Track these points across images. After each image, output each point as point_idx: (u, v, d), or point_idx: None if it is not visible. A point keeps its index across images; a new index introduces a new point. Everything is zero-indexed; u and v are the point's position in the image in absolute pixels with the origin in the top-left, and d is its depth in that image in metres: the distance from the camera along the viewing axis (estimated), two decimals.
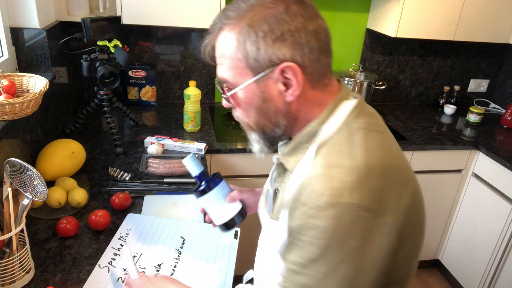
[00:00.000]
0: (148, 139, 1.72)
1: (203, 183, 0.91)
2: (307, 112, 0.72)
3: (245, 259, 1.23)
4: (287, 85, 0.68)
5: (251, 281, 1.03)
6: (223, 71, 0.71)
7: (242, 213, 0.94)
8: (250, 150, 0.81)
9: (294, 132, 0.75)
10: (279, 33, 0.64)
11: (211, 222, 0.97)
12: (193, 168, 0.91)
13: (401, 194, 0.66)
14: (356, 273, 0.62)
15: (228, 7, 0.69)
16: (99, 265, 1.02)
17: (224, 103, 0.78)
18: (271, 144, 0.79)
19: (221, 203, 0.92)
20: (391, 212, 0.63)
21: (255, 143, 0.79)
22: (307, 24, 0.65)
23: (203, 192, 0.91)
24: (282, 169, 0.78)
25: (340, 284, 0.62)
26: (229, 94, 0.73)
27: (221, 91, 0.75)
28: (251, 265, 0.99)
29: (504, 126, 2.33)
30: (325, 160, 0.65)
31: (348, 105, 0.72)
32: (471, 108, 2.33)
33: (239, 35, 0.66)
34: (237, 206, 0.94)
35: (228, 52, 0.68)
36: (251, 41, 0.65)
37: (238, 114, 0.77)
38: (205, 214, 0.99)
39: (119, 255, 1.06)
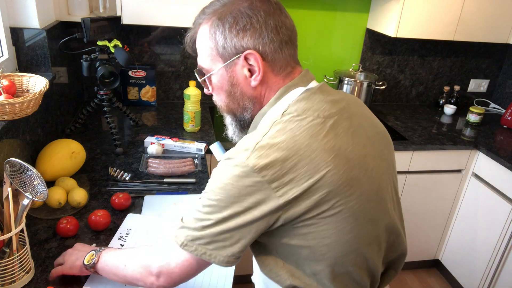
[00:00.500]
0: (148, 139, 1.72)
1: None
2: (268, 97, 0.81)
3: (245, 259, 1.23)
4: (251, 71, 0.78)
5: None
6: (200, 59, 0.83)
7: None
8: (225, 134, 0.91)
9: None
10: (242, 25, 0.75)
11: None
12: (220, 154, 1.02)
13: (310, 175, 0.69)
14: None
15: (207, 6, 0.82)
16: None
17: (205, 90, 0.88)
18: (242, 127, 0.88)
19: None
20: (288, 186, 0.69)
21: (229, 125, 0.90)
22: (268, 18, 0.75)
23: None
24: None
25: None
26: (204, 78, 0.84)
27: (198, 77, 0.86)
28: (251, 265, 0.99)
29: (504, 126, 2.33)
30: (253, 134, 0.75)
31: (296, 92, 0.79)
32: (471, 108, 2.33)
33: (211, 27, 0.78)
34: None
35: (204, 42, 0.80)
36: (219, 32, 0.77)
37: (214, 98, 0.88)
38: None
39: None
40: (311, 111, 0.74)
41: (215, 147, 1.04)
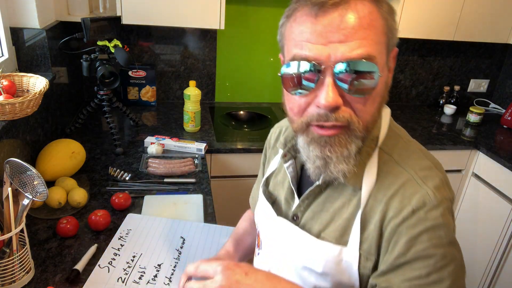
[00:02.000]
0: (148, 139, 1.72)
1: None
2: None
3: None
4: (390, 70, 0.65)
5: None
6: (369, 45, 0.57)
7: None
8: (322, 176, 0.66)
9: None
10: (395, 12, 0.63)
11: None
12: None
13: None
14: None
15: None
16: (99, 265, 1.02)
17: (334, 99, 0.57)
18: (356, 155, 0.63)
19: None
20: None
21: (342, 162, 0.62)
22: None
23: None
24: (319, 188, 0.71)
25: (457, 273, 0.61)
26: (379, 76, 0.58)
27: (363, 71, 0.57)
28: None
29: (504, 126, 2.33)
30: (406, 166, 0.64)
31: (385, 109, 0.70)
32: (471, 108, 2.33)
33: (381, 7, 0.60)
34: None
35: (377, 23, 0.59)
36: (393, 16, 0.62)
37: (351, 112, 0.60)
38: None
39: (119, 255, 1.06)
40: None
41: None
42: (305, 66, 0.58)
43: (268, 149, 0.94)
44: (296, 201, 0.75)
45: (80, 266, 1.00)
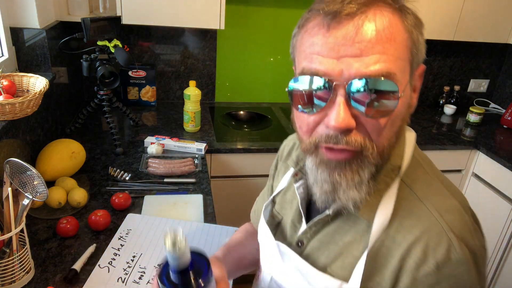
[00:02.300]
0: (148, 139, 1.72)
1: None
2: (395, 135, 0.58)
3: None
4: (415, 89, 0.58)
5: None
6: (389, 61, 0.51)
7: None
8: (333, 205, 0.60)
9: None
10: (422, 25, 0.55)
11: None
12: (179, 261, 0.53)
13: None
14: None
15: None
16: (99, 265, 1.02)
17: (346, 121, 0.51)
18: (369, 180, 0.57)
19: None
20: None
21: (353, 189, 0.56)
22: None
23: None
24: (329, 217, 0.63)
25: None
26: (400, 96, 0.52)
27: (381, 90, 0.51)
28: None
29: (504, 126, 2.33)
30: (431, 205, 0.56)
31: (409, 134, 0.63)
32: (471, 108, 2.33)
33: (405, 19, 0.54)
34: None
35: (399, 37, 0.52)
36: (419, 29, 0.56)
37: (365, 135, 0.54)
38: None
39: (119, 255, 1.06)
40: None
41: (174, 256, 0.52)
42: (314, 81, 0.52)
43: (280, 162, 0.87)
44: (304, 226, 0.68)
45: (78, 265, 1.00)
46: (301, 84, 0.54)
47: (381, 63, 0.50)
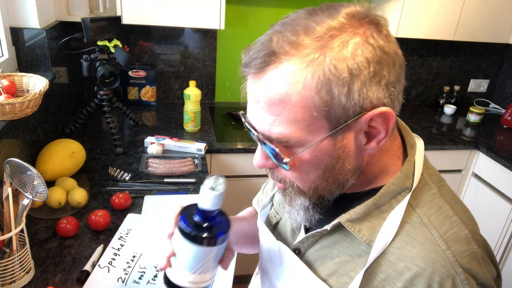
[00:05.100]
0: (148, 139, 1.72)
1: (212, 227, 0.58)
2: (376, 164, 0.57)
3: (245, 259, 1.23)
4: (369, 135, 0.52)
5: None
6: (280, 126, 0.49)
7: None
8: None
9: (355, 188, 0.59)
10: (378, 68, 0.48)
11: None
12: (212, 201, 0.55)
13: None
14: None
15: (289, 27, 0.49)
16: (99, 265, 1.02)
17: (260, 163, 0.56)
18: (321, 209, 0.59)
19: (208, 264, 0.60)
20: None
21: (301, 211, 0.59)
22: (398, 52, 0.53)
23: (209, 241, 0.57)
24: (327, 231, 0.61)
25: None
26: (290, 158, 0.52)
27: (272, 155, 0.53)
28: (251, 265, 0.99)
29: (504, 126, 2.33)
30: (438, 234, 0.53)
31: (419, 148, 0.60)
32: (471, 108, 2.33)
33: (320, 71, 0.46)
34: (214, 275, 0.65)
35: (296, 96, 0.47)
36: (341, 82, 0.46)
37: (287, 176, 0.56)
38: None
39: (119, 255, 1.06)
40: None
41: (209, 195, 0.55)
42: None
43: None
44: (302, 234, 0.66)
45: (89, 267, 1.00)
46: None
47: (274, 125, 0.50)
